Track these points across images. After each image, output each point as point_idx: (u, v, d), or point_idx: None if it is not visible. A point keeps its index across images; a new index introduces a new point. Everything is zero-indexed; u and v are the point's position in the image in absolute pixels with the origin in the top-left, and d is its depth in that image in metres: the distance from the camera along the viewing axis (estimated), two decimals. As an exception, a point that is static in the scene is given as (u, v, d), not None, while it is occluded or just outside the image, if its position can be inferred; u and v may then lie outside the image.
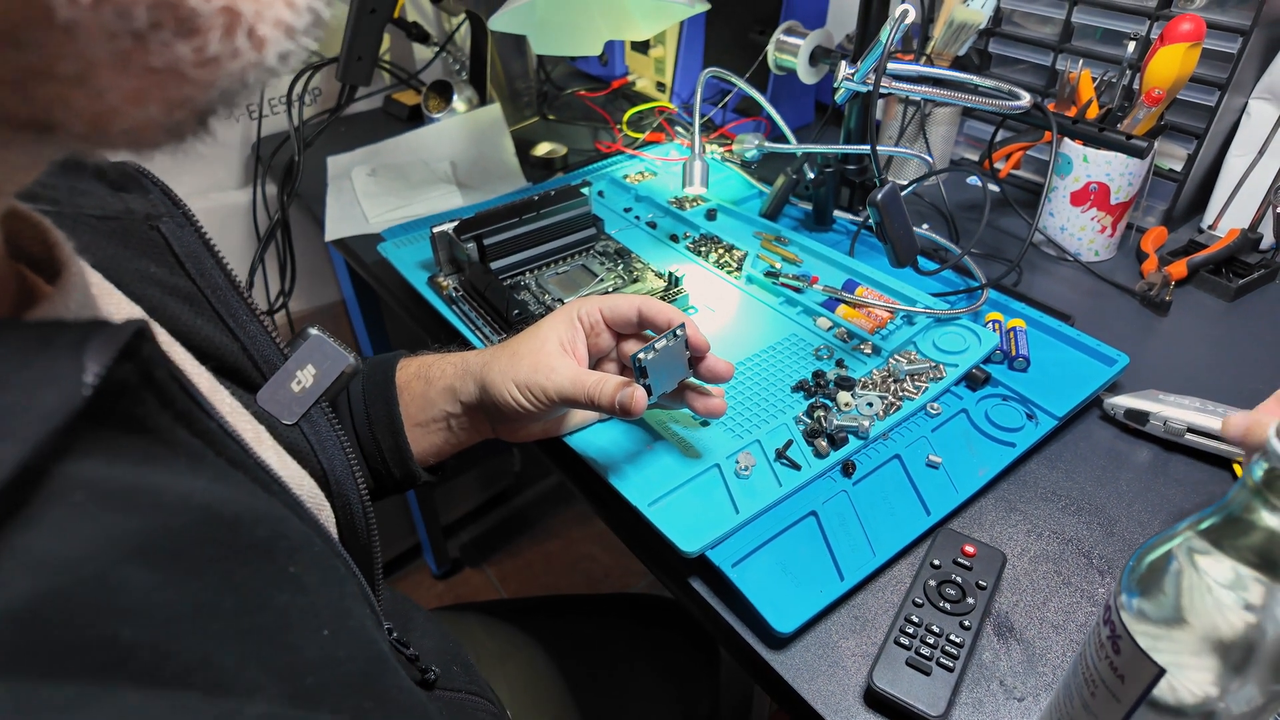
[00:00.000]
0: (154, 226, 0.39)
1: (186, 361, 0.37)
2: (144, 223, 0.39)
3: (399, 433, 0.61)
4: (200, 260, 0.40)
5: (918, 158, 0.79)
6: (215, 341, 0.40)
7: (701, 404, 0.59)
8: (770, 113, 0.97)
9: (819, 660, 0.52)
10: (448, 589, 1.78)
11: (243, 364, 0.41)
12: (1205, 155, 0.92)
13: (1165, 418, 0.65)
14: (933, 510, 0.60)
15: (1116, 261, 0.92)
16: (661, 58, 1.26)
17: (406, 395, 0.62)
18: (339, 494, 0.42)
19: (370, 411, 0.61)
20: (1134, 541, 0.59)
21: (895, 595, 0.56)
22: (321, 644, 0.29)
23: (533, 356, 0.57)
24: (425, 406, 0.61)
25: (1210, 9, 0.87)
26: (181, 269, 0.40)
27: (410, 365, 0.64)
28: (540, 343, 0.57)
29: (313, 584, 0.30)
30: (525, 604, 0.90)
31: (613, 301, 0.59)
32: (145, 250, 0.39)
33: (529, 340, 0.58)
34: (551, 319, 0.59)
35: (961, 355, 0.71)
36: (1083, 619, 0.54)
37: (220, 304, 0.41)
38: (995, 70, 1.07)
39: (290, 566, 0.29)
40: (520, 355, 0.57)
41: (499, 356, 0.58)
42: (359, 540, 0.43)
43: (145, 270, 0.38)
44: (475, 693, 0.57)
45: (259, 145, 1.26)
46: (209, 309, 0.40)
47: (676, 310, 0.59)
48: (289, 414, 0.42)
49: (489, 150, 1.16)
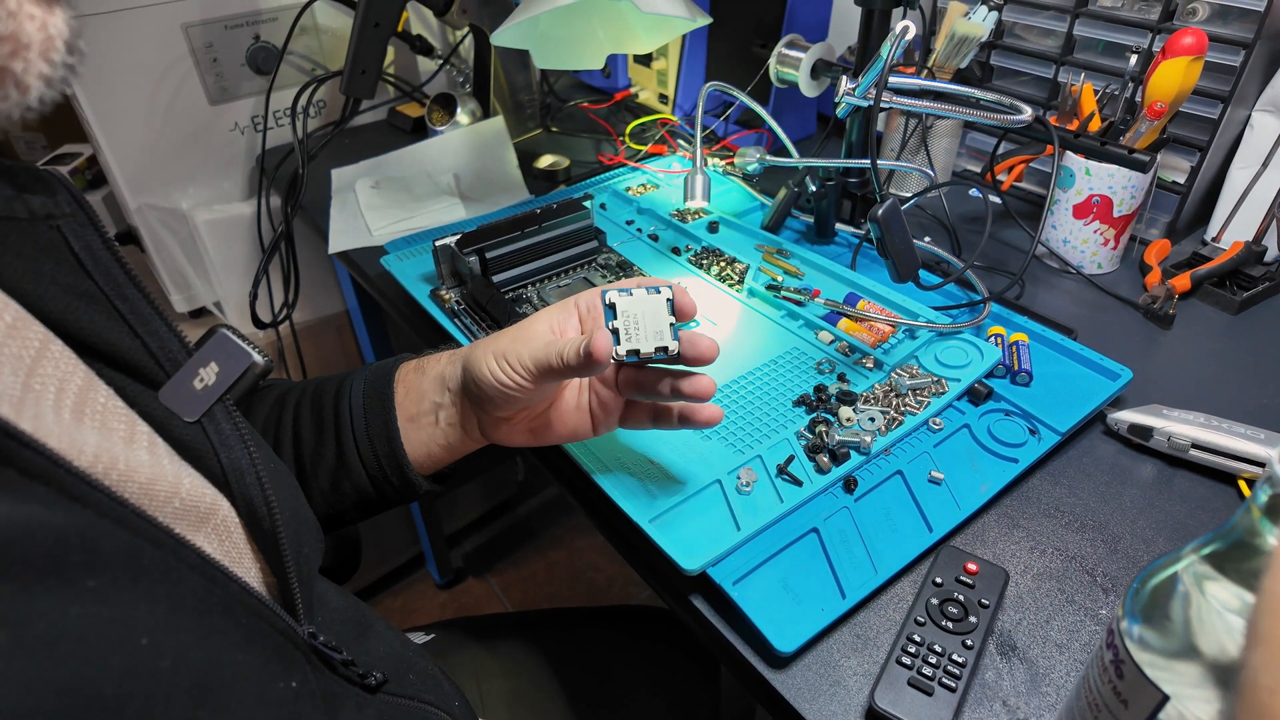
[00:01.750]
0: (54, 226, 0.40)
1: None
2: (43, 222, 0.39)
3: (394, 438, 0.60)
4: (100, 259, 0.41)
5: (919, 171, 0.79)
6: (112, 339, 0.41)
7: (704, 414, 0.58)
8: (772, 125, 0.97)
9: (820, 679, 0.52)
10: (451, 599, 1.78)
11: (143, 361, 0.42)
12: (1208, 168, 0.92)
13: (1169, 433, 0.65)
14: (935, 527, 0.60)
15: (1119, 274, 0.91)
16: (664, 70, 1.26)
17: (402, 389, 0.62)
18: (240, 494, 0.43)
19: (369, 419, 0.61)
20: (1138, 559, 0.59)
21: (897, 614, 0.56)
22: (135, 653, 0.30)
23: (515, 330, 0.56)
24: (417, 399, 0.61)
25: (1212, 22, 0.86)
26: (80, 268, 0.40)
27: (412, 361, 0.64)
28: (529, 321, 0.57)
29: (125, 596, 0.31)
30: (524, 617, 0.89)
31: (615, 288, 0.57)
32: (44, 249, 0.39)
33: (519, 322, 0.58)
34: (549, 306, 0.59)
35: (964, 370, 0.71)
36: (1086, 638, 0.54)
37: (120, 301, 0.41)
38: (997, 83, 1.07)
39: (89, 580, 0.30)
40: (505, 333, 0.57)
41: (486, 339, 0.58)
42: (268, 540, 0.43)
43: (42, 269, 0.39)
44: (430, 702, 0.57)
45: (263, 158, 1.27)
46: (109, 307, 0.41)
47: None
48: (190, 411, 0.42)
49: (492, 162, 1.16)
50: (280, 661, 0.40)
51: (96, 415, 0.37)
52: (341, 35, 1.29)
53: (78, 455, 0.33)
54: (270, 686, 0.38)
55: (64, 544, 0.29)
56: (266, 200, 1.27)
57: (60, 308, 0.39)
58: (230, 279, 1.30)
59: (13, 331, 0.34)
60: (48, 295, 0.39)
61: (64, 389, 0.36)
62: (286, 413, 0.64)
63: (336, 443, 0.61)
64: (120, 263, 0.42)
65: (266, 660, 0.38)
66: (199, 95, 1.20)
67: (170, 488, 0.38)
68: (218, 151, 1.26)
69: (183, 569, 0.35)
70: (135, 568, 0.32)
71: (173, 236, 1.25)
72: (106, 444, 0.36)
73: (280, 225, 1.25)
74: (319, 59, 1.29)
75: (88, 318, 0.40)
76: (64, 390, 0.36)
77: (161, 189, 1.22)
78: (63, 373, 0.36)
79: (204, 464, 0.42)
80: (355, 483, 0.62)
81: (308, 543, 0.48)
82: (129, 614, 0.31)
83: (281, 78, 1.25)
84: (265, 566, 0.44)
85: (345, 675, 0.47)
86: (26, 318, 0.36)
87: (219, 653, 0.35)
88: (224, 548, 0.41)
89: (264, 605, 0.40)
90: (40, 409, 0.33)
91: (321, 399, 0.63)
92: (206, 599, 0.36)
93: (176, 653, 0.32)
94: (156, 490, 0.37)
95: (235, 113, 1.25)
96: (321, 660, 0.44)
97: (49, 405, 0.34)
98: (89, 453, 0.34)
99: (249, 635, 0.38)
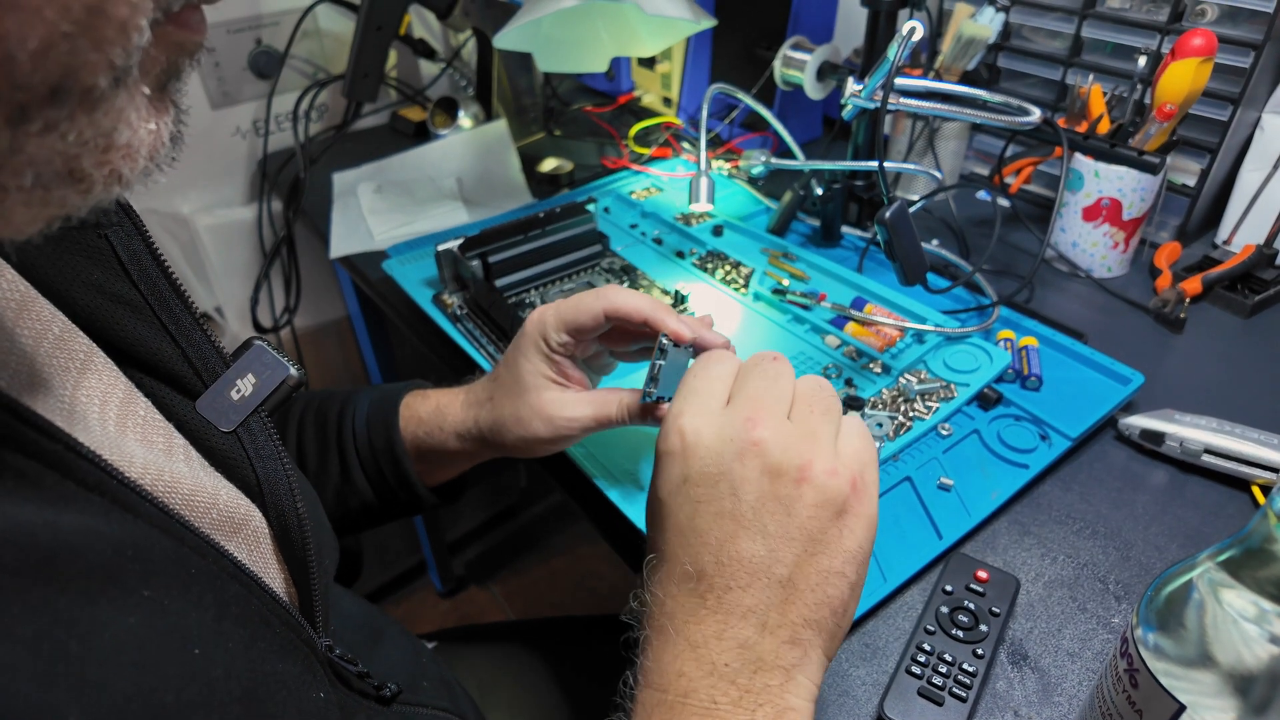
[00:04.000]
0: (102, 234, 0.40)
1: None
2: (92, 230, 0.39)
3: (396, 443, 0.61)
4: (145, 268, 0.41)
5: (927, 174, 0.78)
6: (155, 348, 0.41)
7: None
8: (777, 128, 0.96)
9: (829, 689, 0.51)
10: (452, 607, 1.77)
11: (183, 371, 0.42)
12: (1219, 170, 0.91)
13: (1182, 438, 0.64)
14: (945, 534, 0.59)
15: (1130, 278, 0.90)
16: (668, 73, 1.25)
17: (411, 418, 0.62)
18: (273, 505, 0.43)
19: (373, 436, 0.61)
20: (1151, 566, 0.58)
21: (907, 622, 0.55)
22: (190, 662, 0.30)
23: (544, 411, 0.55)
24: (429, 432, 0.62)
25: (1222, 23, 0.86)
26: (126, 276, 0.40)
27: (420, 392, 0.63)
28: (537, 398, 0.55)
29: (177, 605, 0.31)
30: (527, 626, 0.89)
31: (573, 316, 0.54)
32: (90, 256, 0.39)
33: (526, 401, 0.56)
34: (528, 362, 0.55)
35: (973, 374, 0.70)
36: (1099, 647, 0.53)
37: (163, 311, 0.41)
38: (1004, 85, 1.06)
39: (145, 590, 0.30)
40: (524, 419, 0.55)
41: (505, 423, 0.56)
42: (294, 551, 0.43)
43: (89, 276, 0.39)
44: (445, 709, 0.56)
45: (265, 162, 1.26)
46: (151, 316, 0.41)
47: (644, 298, 0.53)
48: (226, 422, 0.42)
49: (495, 166, 1.16)
50: (310, 672, 0.39)
51: (138, 427, 0.37)
52: (344, 39, 1.29)
53: (128, 467, 0.34)
54: (306, 697, 0.38)
55: (121, 554, 0.30)
56: (268, 205, 1.26)
57: (104, 316, 0.39)
58: (231, 283, 1.30)
59: (60, 343, 0.35)
60: (92, 303, 0.39)
61: (108, 400, 0.36)
62: (290, 427, 0.64)
63: (340, 461, 0.62)
64: (165, 272, 0.42)
65: (300, 671, 0.38)
66: (200, 99, 1.19)
67: (209, 498, 0.38)
68: (219, 156, 1.25)
69: (224, 578, 0.35)
70: (185, 577, 0.33)
71: (174, 241, 1.24)
72: (150, 456, 0.36)
73: (281, 230, 1.25)
74: (321, 63, 1.29)
75: (130, 326, 0.40)
76: (108, 402, 0.36)
77: (163, 193, 1.22)
78: (106, 384, 0.37)
79: (238, 474, 0.42)
80: (362, 499, 0.62)
81: (328, 555, 0.48)
82: (182, 623, 0.31)
83: (283, 82, 1.24)
84: (288, 577, 0.44)
85: (360, 689, 0.47)
86: (72, 329, 0.37)
87: (261, 662, 0.35)
88: (253, 557, 0.41)
89: (291, 615, 0.40)
90: (88, 421, 0.34)
91: (325, 416, 0.63)
92: (246, 608, 0.36)
93: (225, 662, 0.32)
94: (197, 501, 0.37)
95: (237, 117, 1.24)
96: (335, 673, 0.44)
97: (95, 417, 0.35)
98: (138, 464, 0.35)
99: (284, 645, 0.38)
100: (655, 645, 0.39)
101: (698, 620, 0.38)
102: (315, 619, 0.43)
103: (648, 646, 0.40)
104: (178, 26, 0.27)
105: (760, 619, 0.38)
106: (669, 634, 0.39)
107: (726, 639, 0.38)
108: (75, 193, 0.26)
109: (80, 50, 0.23)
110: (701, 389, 0.42)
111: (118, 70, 0.24)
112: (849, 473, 0.39)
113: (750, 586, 0.38)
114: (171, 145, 0.28)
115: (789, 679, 0.38)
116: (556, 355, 0.55)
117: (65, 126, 0.24)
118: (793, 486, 0.38)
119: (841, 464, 0.40)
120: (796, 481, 0.38)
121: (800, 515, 0.38)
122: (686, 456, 0.40)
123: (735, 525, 0.39)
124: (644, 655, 0.40)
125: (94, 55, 0.23)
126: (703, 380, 0.43)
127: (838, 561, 0.39)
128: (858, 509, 0.40)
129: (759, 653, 0.38)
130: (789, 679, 0.38)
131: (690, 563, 0.39)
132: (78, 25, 0.22)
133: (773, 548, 0.38)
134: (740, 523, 0.39)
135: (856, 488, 0.39)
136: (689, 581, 0.39)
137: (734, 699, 0.37)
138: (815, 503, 0.39)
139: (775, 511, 0.38)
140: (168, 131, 0.28)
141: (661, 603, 0.40)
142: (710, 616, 0.38)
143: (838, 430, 0.41)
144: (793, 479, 0.39)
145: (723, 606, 0.38)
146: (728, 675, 0.37)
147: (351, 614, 0.57)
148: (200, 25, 0.28)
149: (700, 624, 0.38)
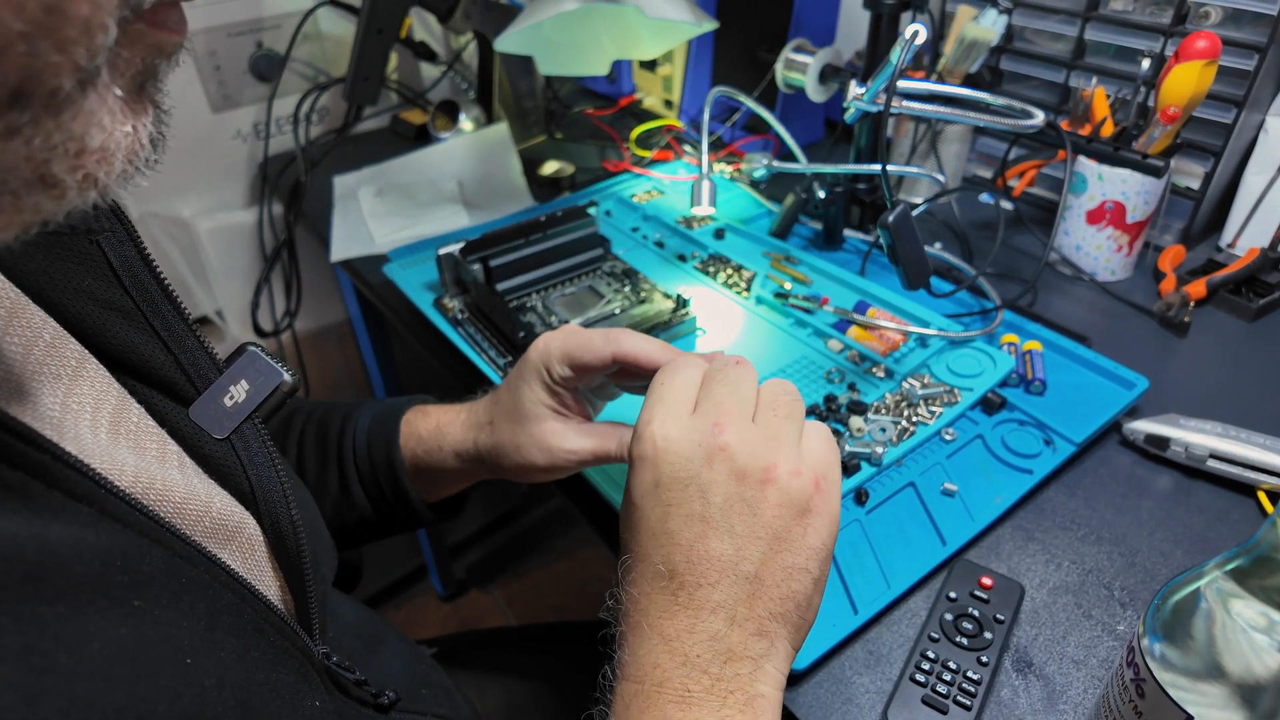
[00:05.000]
0: (94, 240, 0.39)
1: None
2: (84, 236, 0.39)
3: (395, 460, 0.61)
4: (137, 273, 0.41)
5: (929, 177, 0.78)
6: (147, 355, 0.40)
7: None
8: (779, 131, 0.96)
9: (832, 697, 0.51)
10: (453, 611, 1.76)
11: (175, 377, 0.41)
12: (1223, 173, 0.90)
13: (1187, 443, 0.64)
14: (948, 540, 0.58)
15: (1134, 281, 0.90)
16: (669, 76, 1.25)
17: (411, 435, 0.62)
18: (268, 512, 0.42)
19: (373, 452, 0.61)
20: (1156, 572, 0.57)
21: (910, 629, 0.54)
22: (182, 672, 0.30)
23: (543, 441, 0.55)
24: (429, 450, 0.61)
25: (1225, 26, 0.85)
26: (118, 282, 0.40)
27: (421, 408, 0.63)
28: (537, 428, 0.55)
29: (168, 615, 0.31)
30: (528, 630, 0.88)
31: (579, 355, 0.53)
32: (81, 263, 0.39)
33: (525, 429, 0.55)
34: (529, 389, 0.55)
35: (977, 379, 0.69)
36: (1105, 654, 0.52)
37: (156, 317, 0.41)
38: (1007, 87, 1.05)
39: (135, 600, 0.30)
40: (522, 448, 0.55)
41: (504, 449, 0.56)
42: (290, 559, 0.43)
43: (80, 283, 0.39)
44: (444, 716, 0.56)
45: (265, 165, 1.26)
46: (143, 322, 0.41)
47: (655, 343, 0.52)
48: (220, 428, 0.42)
49: (496, 169, 1.15)
50: (305, 681, 0.39)
51: (130, 434, 0.37)
52: (344, 42, 1.29)
53: (119, 476, 0.34)
54: (302, 705, 0.38)
55: (110, 564, 0.30)
56: (269, 208, 1.26)
57: (96, 322, 0.39)
58: (232, 287, 1.29)
59: (51, 350, 0.35)
60: (84, 310, 0.39)
61: (100, 408, 0.36)
62: (291, 439, 0.64)
63: (340, 476, 0.61)
64: (156, 278, 0.41)
65: (295, 679, 0.38)
66: (201, 103, 1.19)
67: (202, 506, 0.38)
68: (220, 159, 1.25)
69: (216, 586, 0.35)
70: (176, 586, 0.32)
71: (174, 244, 1.24)
72: (143, 463, 0.36)
73: (282, 233, 1.24)
74: (322, 66, 1.29)
75: (123, 332, 0.40)
76: (100, 409, 0.36)
77: (163, 197, 1.21)
78: (98, 391, 0.37)
79: (231, 482, 0.42)
80: (360, 514, 0.62)
81: (325, 562, 0.48)
82: (173, 633, 0.31)
83: (284, 85, 1.24)
84: (284, 585, 0.43)
85: (357, 697, 0.46)
86: (64, 335, 0.36)
87: (255, 671, 0.35)
88: (247, 565, 0.41)
89: (285, 624, 0.39)
90: (79, 429, 0.34)
91: (326, 430, 0.63)
92: (239, 617, 0.36)
93: (218, 671, 0.32)
94: (189, 509, 0.37)
95: (238, 120, 1.24)
96: (333, 681, 0.43)
97: (86, 425, 0.34)
98: (129, 473, 0.34)
99: (278, 654, 0.38)
100: (631, 640, 0.41)
101: (670, 616, 0.40)
102: (312, 626, 0.43)
103: (624, 642, 0.41)
104: (153, 26, 0.26)
105: (729, 613, 0.39)
106: (643, 629, 0.40)
107: (698, 632, 0.39)
108: (48, 199, 0.25)
109: (40, 51, 0.22)
110: (669, 396, 0.44)
111: (83, 72, 0.23)
112: (812, 473, 0.41)
113: (719, 583, 0.39)
114: (152, 148, 0.28)
115: (758, 668, 0.39)
116: (558, 387, 0.55)
117: (30, 131, 0.23)
118: (758, 488, 0.40)
119: (805, 465, 0.41)
120: (761, 483, 0.40)
121: (765, 515, 0.40)
122: (657, 462, 0.42)
123: (704, 526, 0.40)
124: (621, 650, 0.41)
125: (56, 56, 0.22)
126: (669, 388, 0.44)
127: (801, 558, 0.40)
128: (821, 508, 0.41)
129: (729, 644, 0.39)
130: (758, 668, 0.39)
131: (663, 562, 0.40)
132: (35, 25, 0.21)
133: (740, 546, 0.40)
134: (709, 524, 0.40)
135: (820, 487, 0.41)
136: (661, 580, 0.40)
137: (706, 687, 0.39)
138: (779, 502, 0.40)
139: (742, 512, 0.40)
140: (146, 134, 0.27)
141: (636, 600, 0.41)
142: (682, 612, 0.40)
143: (801, 432, 0.43)
144: (758, 480, 0.40)
145: (694, 602, 0.39)
146: (700, 665, 0.39)
147: (350, 621, 0.56)
148: (180, 25, 0.27)
149: (673, 619, 0.40)
